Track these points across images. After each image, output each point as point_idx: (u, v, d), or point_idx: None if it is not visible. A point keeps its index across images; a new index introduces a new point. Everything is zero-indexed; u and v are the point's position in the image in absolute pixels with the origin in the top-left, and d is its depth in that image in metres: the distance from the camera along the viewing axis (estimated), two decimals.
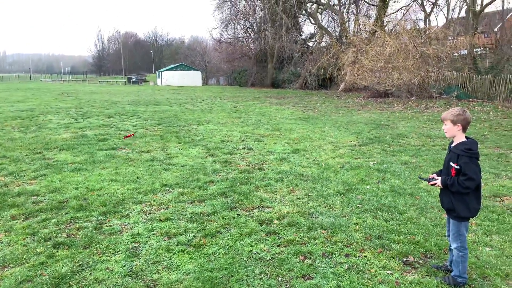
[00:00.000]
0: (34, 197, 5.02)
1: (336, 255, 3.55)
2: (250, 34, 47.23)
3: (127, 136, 9.41)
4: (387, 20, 30.96)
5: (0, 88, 34.19)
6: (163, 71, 57.41)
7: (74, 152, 7.69)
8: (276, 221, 4.30)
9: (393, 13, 34.48)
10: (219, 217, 4.42)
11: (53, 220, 4.26)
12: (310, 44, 41.97)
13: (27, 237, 3.85)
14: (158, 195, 5.20)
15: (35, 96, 23.21)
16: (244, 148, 8.32)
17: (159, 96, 24.91)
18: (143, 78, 67.07)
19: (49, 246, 3.65)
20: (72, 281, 3.08)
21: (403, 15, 32.71)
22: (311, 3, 37.62)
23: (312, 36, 42.61)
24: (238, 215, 4.49)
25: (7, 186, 5.46)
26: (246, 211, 4.64)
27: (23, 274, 3.16)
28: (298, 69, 38.29)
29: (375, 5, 34.82)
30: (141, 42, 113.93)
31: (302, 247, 3.67)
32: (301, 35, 41.63)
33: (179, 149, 8.25)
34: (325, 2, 36.74)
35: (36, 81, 66.71)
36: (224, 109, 16.58)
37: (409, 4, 33.56)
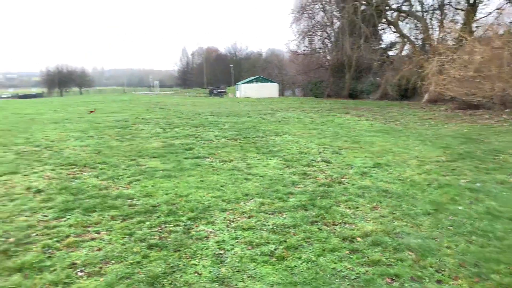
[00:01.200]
0: (130, 200, 5.49)
1: (427, 280, 3.35)
2: (327, 45, 46.90)
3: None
4: (476, 25, 28.66)
5: (99, 100, 38.03)
6: (242, 83, 59.23)
7: (163, 159, 8.27)
8: (359, 239, 4.19)
9: (483, 17, 31.81)
10: (300, 230, 4.43)
11: (147, 223, 4.62)
12: (391, 53, 40.43)
13: (125, 237, 4.22)
14: (240, 204, 5.37)
15: (128, 108, 25.40)
16: (322, 161, 8.24)
17: (238, 108, 25.72)
18: (223, 90, 69.79)
19: (144, 247, 3.95)
20: (165, 281, 3.31)
21: (495, 18, 30.00)
22: (392, 11, 36.28)
23: (392, 44, 41.02)
24: (320, 229, 4.46)
25: (107, 189, 6.04)
26: (327, 226, 4.59)
27: (123, 271, 3.47)
28: (378, 79, 36.98)
29: (462, 10, 32.45)
30: (221, 56, 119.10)
31: (388, 269, 3.53)
32: (380, 44, 40.31)
33: (258, 159, 8.43)
34: (407, 9, 35.20)
35: (129, 94, 72.99)
36: (300, 121, 16.60)
37: (502, 7, 30.67)
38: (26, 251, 3.89)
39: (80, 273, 3.46)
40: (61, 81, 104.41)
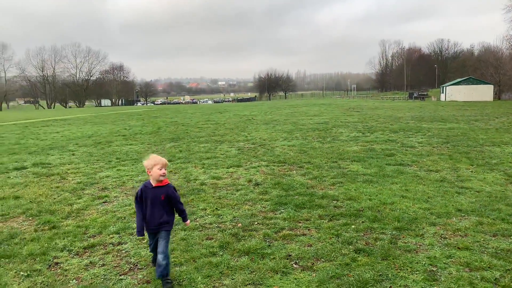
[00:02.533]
0: (335, 202, 5.72)
1: None
2: None
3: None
4: None
5: (301, 104, 40.95)
6: (448, 85, 54.02)
7: (364, 164, 8.28)
8: None
9: None
10: None
11: (352, 226, 4.73)
12: None
13: (332, 237, 4.42)
14: (453, 219, 4.90)
15: (327, 111, 26.44)
16: None
17: (444, 112, 23.36)
18: (425, 93, 64.84)
19: (351, 250, 4.06)
20: None
21: None
22: None
23: None
24: None
25: (313, 188, 6.47)
26: None
27: (333, 270, 3.63)
28: None
29: None
30: (424, 57, 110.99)
31: None
32: None
33: (471, 171, 7.50)
34: None
35: (327, 98, 75.82)
36: None
37: None
38: (250, 237, 4.52)
39: (295, 265, 3.81)
40: (269, 86, 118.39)
